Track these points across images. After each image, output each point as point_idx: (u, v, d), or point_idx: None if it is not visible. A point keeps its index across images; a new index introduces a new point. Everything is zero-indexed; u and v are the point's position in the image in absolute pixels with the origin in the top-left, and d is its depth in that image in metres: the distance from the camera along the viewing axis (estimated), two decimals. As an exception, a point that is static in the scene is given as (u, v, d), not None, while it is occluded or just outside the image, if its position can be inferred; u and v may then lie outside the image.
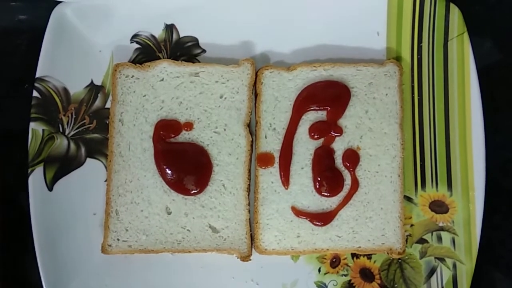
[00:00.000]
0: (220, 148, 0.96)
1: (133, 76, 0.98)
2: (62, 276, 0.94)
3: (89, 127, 0.99)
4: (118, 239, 0.95)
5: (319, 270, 0.98)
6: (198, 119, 0.97)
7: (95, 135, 0.99)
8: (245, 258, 0.94)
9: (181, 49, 1.01)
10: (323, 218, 0.94)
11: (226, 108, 0.97)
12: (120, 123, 0.97)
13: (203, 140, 0.96)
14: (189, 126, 0.97)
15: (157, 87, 0.98)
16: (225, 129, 0.96)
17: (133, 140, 0.97)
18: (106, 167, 0.98)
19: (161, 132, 0.96)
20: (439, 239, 0.97)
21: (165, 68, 0.98)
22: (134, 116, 0.97)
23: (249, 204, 0.96)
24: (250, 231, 0.95)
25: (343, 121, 0.96)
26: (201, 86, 0.98)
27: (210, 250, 0.94)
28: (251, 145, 0.97)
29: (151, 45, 1.01)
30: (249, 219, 0.95)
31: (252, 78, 0.97)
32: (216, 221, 0.95)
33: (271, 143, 0.96)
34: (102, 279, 0.96)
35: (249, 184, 0.96)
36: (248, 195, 0.96)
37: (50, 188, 0.96)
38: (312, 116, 0.96)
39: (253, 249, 0.95)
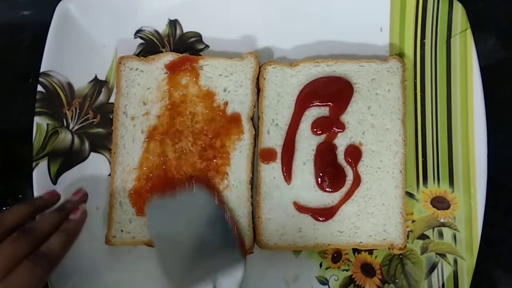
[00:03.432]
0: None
1: (137, 68, 0.99)
2: (64, 269, 0.94)
3: (93, 121, 1.00)
4: (122, 230, 0.95)
5: (321, 265, 0.98)
6: (201, 112, 0.97)
7: (99, 129, 1.00)
8: (247, 250, 0.94)
9: (185, 44, 1.02)
10: (325, 214, 0.94)
11: (230, 102, 0.97)
12: (124, 115, 0.98)
13: (206, 133, 0.97)
14: (192, 119, 0.97)
15: (161, 80, 0.98)
16: None
17: (137, 132, 0.97)
18: (109, 162, 0.99)
19: (165, 125, 0.97)
20: (440, 235, 0.97)
21: (169, 61, 0.98)
22: (138, 109, 0.98)
23: (252, 197, 0.96)
24: (253, 224, 0.96)
25: (345, 117, 0.96)
26: (205, 79, 0.98)
27: None
28: (254, 139, 0.97)
29: (155, 40, 1.02)
30: (252, 212, 0.95)
31: (256, 72, 0.98)
32: None
33: (274, 139, 0.96)
34: (105, 273, 0.96)
35: (252, 177, 0.96)
36: (251, 188, 0.96)
37: (54, 182, 0.97)
38: (314, 111, 0.96)
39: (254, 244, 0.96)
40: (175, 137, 0.96)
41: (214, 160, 0.96)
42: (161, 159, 0.96)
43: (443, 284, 0.96)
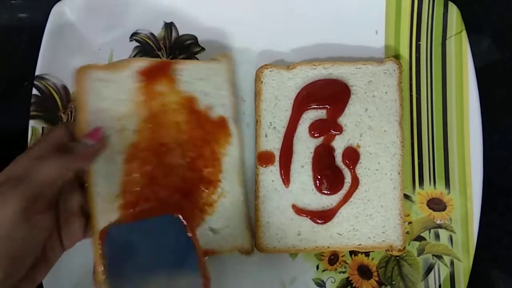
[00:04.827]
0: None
1: (104, 79, 0.87)
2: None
3: (88, 124, 0.98)
4: None
5: (317, 267, 0.98)
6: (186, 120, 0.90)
7: (94, 133, 0.98)
8: (248, 252, 0.94)
9: (180, 47, 1.01)
10: (323, 216, 0.94)
11: (213, 105, 0.93)
12: None
13: (192, 140, 0.92)
14: (174, 127, 0.90)
15: (134, 90, 0.88)
16: None
17: (113, 153, 0.86)
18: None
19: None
20: (437, 236, 0.98)
21: (140, 67, 0.89)
22: (111, 126, 0.86)
23: (248, 200, 0.95)
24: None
25: (343, 119, 0.96)
26: (183, 84, 0.91)
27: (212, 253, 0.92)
28: (242, 140, 0.96)
29: (150, 43, 1.01)
30: (248, 214, 0.95)
31: (232, 73, 0.96)
32: (216, 223, 0.92)
33: (272, 142, 0.96)
34: None
35: (243, 179, 0.95)
36: (245, 191, 0.95)
37: (50, 186, 0.96)
38: (312, 114, 0.96)
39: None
40: (161, 152, 0.88)
41: (206, 170, 0.91)
42: (148, 179, 0.87)
43: (439, 286, 0.96)
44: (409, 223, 0.98)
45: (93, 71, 0.86)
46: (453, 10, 0.99)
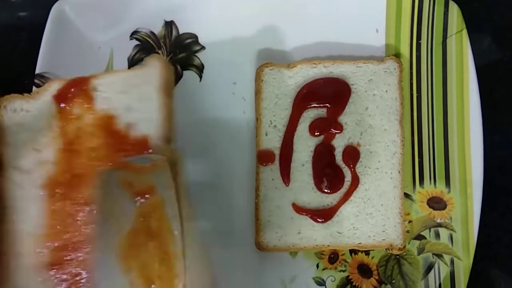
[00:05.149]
0: None
1: (22, 109, 0.81)
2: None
3: (88, 123, 0.98)
4: None
5: (317, 266, 0.98)
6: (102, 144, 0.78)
7: (94, 131, 0.97)
8: None
9: (181, 46, 1.01)
10: (323, 215, 0.94)
11: (134, 122, 0.78)
12: (16, 170, 0.79)
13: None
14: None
15: (53, 116, 0.80)
16: None
17: (34, 189, 0.77)
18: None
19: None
20: (437, 235, 0.97)
21: (56, 90, 0.82)
22: (31, 159, 0.78)
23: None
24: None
25: (343, 118, 0.96)
26: (102, 101, 0.79)
27: None
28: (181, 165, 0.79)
29: (151, 41, 1.01)
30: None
31: (165, 79, 0.81)
32: None
33: (272, 141, 0.96)
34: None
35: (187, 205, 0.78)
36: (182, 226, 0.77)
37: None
38: (312, 113, 0.96)
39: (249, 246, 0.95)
40: (78, 186, 0.75)
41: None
42: (67, 216, 0.75)
43: (439, 285, 0.96)
44: (409, 222, 0.98)
45: (10, 101, 0.81)
46: (454, 9, 0.99)
